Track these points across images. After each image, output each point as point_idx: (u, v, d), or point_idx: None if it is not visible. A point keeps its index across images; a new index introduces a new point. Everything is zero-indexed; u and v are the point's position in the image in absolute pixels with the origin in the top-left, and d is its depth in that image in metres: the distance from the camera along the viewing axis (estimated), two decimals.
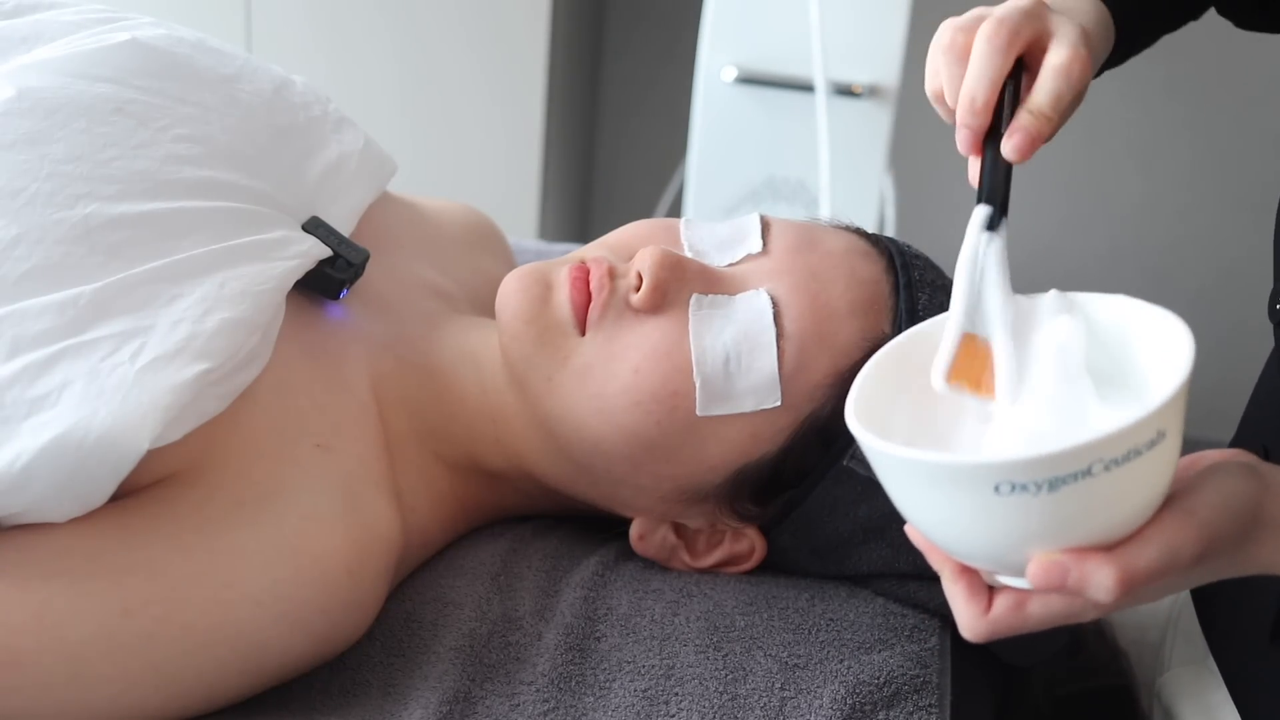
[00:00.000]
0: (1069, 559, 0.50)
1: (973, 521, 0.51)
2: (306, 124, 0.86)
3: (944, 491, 0.51)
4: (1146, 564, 0.51)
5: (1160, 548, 0.51)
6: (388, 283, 0.85)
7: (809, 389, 0.74)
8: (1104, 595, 0.50)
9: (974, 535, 0.52)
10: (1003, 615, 0.55)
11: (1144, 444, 0.48)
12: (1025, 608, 0.54)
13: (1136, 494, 0.50)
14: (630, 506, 0.81)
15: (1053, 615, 0.54)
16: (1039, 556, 0.51)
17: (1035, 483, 0.48)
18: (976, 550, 0.53)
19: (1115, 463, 0.48)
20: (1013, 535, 0.51)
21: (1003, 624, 0.55)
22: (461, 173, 2.12)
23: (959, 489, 0.50)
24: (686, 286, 0.76)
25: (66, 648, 0.60)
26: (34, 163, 0.69)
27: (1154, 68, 2.33)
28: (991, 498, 0.49)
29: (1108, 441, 0.47)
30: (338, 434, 0.75)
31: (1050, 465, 0.48)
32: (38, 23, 0.81)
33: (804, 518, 0.78)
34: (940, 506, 0.52)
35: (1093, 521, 0.50)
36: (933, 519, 0.53)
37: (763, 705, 0.69)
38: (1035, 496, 0.48)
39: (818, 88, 1.73)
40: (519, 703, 0.68)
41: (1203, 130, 2.37)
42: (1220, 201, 2.41)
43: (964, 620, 0.56)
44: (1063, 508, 0.49)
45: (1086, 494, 0.48)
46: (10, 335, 0.62)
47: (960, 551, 0.54)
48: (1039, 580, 0.51)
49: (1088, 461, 0.47)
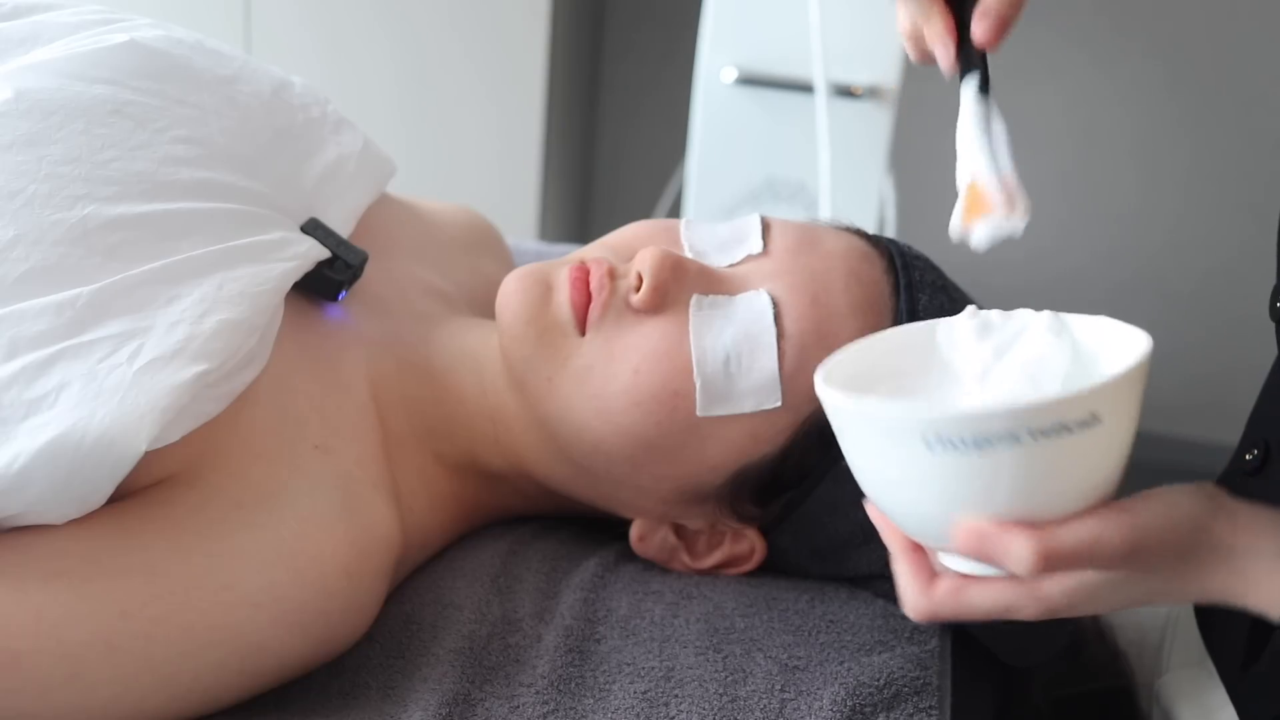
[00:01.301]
0: (991, 527, 0.51)
1: (906, 478, 0.52)
2: (305, 125, 0.86)
3: (882, 444, 0.52)
4: (1068, 545, 0.51)
5: (1085, 534, 0.51)
6: (386, 284, 0.85)
7: (809, 390, 0.74)
8: (1020, 567, 0.51)
9: (909, 495, 0.53)
10: (944, 597, 0.56)
11: (1074, 422, 0.49)
12: (966, 592, 0.55)
13: (1066, 475, 0.51)
14: (630, 507, 0.81)
15: (994, 603, 0.54)
16: (964, 521, 0.52)
17: (963, 439, 0.49)
18: (913, 513, 0.54)
19: (1043, 434, 0.48)
20: (944, 497, 0.52)
21: (944, 605, 0.56)
22: (461, 173, 2.12)
23: (894, 441, 0.51)
24: (687, 287, 0.76)
25: (65, 649, 0.60)
26: (32, 164, 0.69)
27: (1153, 68, 2.34)
28: (923, 453, 0.50)
29: (1034, 409, 0.48)
30: (336, 435, 0.75)
31: (977, 423, 0.49)
32: (36, 24, 0.81)
33: (804, 519, 0.78)
34: (880, 462, 0.53)
35: (1020, 495, 0.50)
36: (876, 478, 0.55)
37: (762, 707, 0.69)
38: (964, 455, 0.49)
39: (818, 88, 1.73)
40: (518, 705, 0.68)
41: (1201, 130, 2.37)
42: (1219, 201, 2.41)
43: (906, 598, 0.57)
44: (990, 472, 0.50)
45: (1013, 462, 0.49)
46: (8, 336, 0.62)
47: (901, 516, 0.55)
48: (960, 543, 0.52)
49: (1014, 425, 0.48)
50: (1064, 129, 2.45)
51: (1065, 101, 2.41)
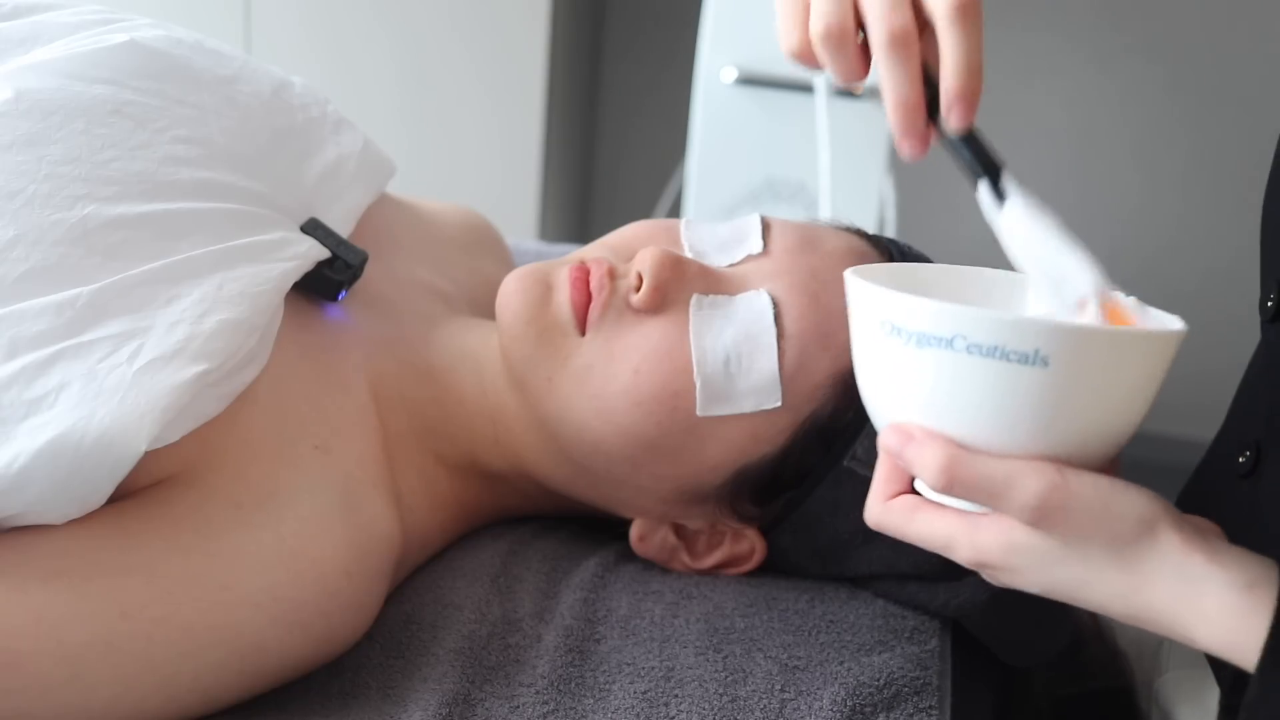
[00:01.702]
0: (917, 430, 0.51)
1: (866, 363, 0.54)
2: (305, 125, 0.86)
3: (856, 321, 0.54)
4: (979, 471, 0.50)
5: (1003, 470, 0.50)
6: (386, 284, 0.85)
7: (809, 389, 0.74)
8: (927, 475, 0.51)
9: (869, 382, 0.54)
10: (896, 509, 0.56)
11: (1014, 352, 0.48)
12: (916, 513, 0.55)
13: (1000, 405, 0.49)
14: (630, 507, 0.81)
15: (934, 532, 0.54)
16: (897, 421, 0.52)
17: (908, 331, 0.49)
18: (872, 403, 0.55)
19: (980, 349, 0.48)
20: (888, 389, 0.52)
21: (892, 519, 0.56)
22: (461, 173, 2.12)
23: (861, 318, 0.53)
24: (687, 287, 0.76)
25: (65, 650, 0.60)
26: (32, 164, 0.69)
27: (1153, 68, 2.34)
28: (878, 336, 0.51)
29: (977, 319, 0.48)
30: (336, 435, 0.75)
31: (922, 316, 0.49)
32: (36, 24, 0.81)
33: (804, 518, 0.78)
34: (855, 341, 0.55)
35: (954, 410, 0.50)
36: (857, 363, 0.56)
37: (762, 707, 0.69)
38: (904, 348, 0.50)
39: (818, 89, 1.73)
40: (518, 705, 0.68)
41: (1200, 130, 2.38)
42: (1218, 201, 2.41)
43: (868, 500, 0.58)
44: (926, 374, 0.50)
45: (947, 368, 0.49)
46: (8, 336, 0.62)
47: (870, 406, 0.56)
48: (884, 439, 0.52)
49: (953, 330, 0.48)
50: (1063, 129, 2.45)
51: (1065, 101, 2.42)
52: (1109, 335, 0.49)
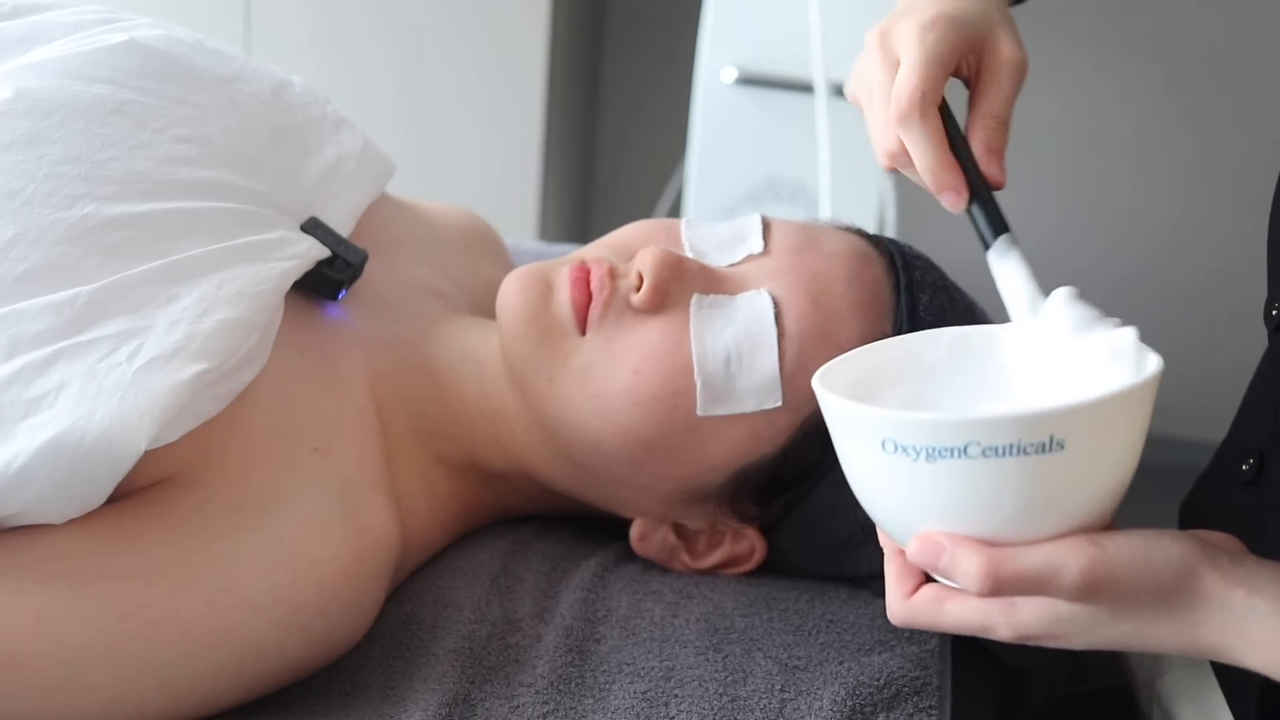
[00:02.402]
0: (946, 539, 0.50)
1: (872, 481, 0.52)
2: (305, 125, 0.85)
3: (849, 441, 0.52)
4: (1019, 568, 0.49)
5: (1041, 560, 0.50)
6: (386, 283, 0.85)
7: (810, 389, 0.74)
8: (970, 583, 0.50)
9: (877, 498, 0.53)
10: (921, 604, 0.55)
11: (1030, 444, 0.47)
12: (944, 604, 0.54)
13: (1024, 497, 0.49)
14: (630, 507, 0.81)
15: (969, 619, 0.54)
16: (922, 532, 0.51)
17: (914, 447, 0.48)
18: (883, 517, 0.54)
19: (995, 451, 0.47)
20: (903, 504, 0.51)
21: (920, 614, 0.55)
22: (461, 173, 2.12)
23: (858, 439, 0.51)
24: (687, 287, 0.76)
25: (65, 651, 0.60)
26: (31, 163, 0.69)
27: (1152, 67, 2.34)
28: (881, 455, 0.49)
29: (987, 424, 0.47)
30: (336, 437, 0.75)
31: (927, 431, 0.47)
32: (35, 24, 0.80)
33: (804, 518, 0.78)
34: (855, 462, 0.53)
35: (977, 512, 0.49)
36: (853, 478, 0.54)
37: (762, 707, 0.69)
38: (915, 463, 0.48)
39: (818, 88, 1.73)
40: (518, 705, 0.68)
41: (1200, 130, 2.37)
42: (1218, 201, 2.41)
43: (889, 600, 0.57)
44: (942, 485, 0.49)
45: (965, 477, 0.48)
46: (7, 336, 0.62)
47: (877, 519, 0.55)
48: (913, 553, 0.51)
49: (964, 439, 0.47)
50: (1063, 128, 2.45)
51: (1064, 101, 2.41)
52: (1118, 400, 0.48)
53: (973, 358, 0.59)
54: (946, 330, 0.60)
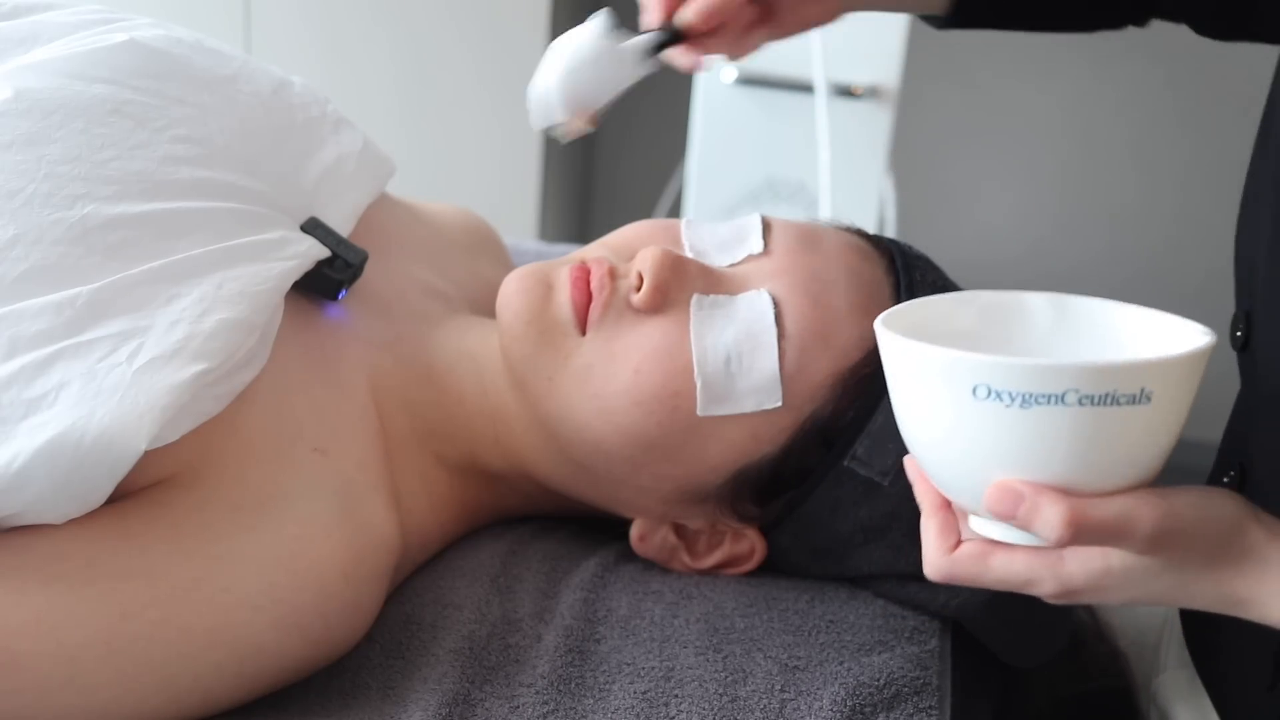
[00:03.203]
0: (1026, 487, 0.50)
1: (952, 428, 0.52)
2: (305, 125, 0.85)
3: (931, 388, 0.52)
4: (1100, 517, 0.50)
5: (1119, 509, 0.50)
6: (386, 283, 0.85)
7: (810, 389, 0.74)
8: (1048, 531, 0.50)
9: (950, 447, 0.53)
10: (965, 558, 0.55)
11: (1124, 395, 0.48)
12: (989, 558, 0.54)
13: (1110, 448, 0.50)
14: (631, 507, 0.81)
15: (1013, 573, 0.54)
16: (1000, 480, 0.51)
17: (1010, 393, 0.48)
18: (951, 468, 0.54)
19: (1091, 400, 0.48)
20: (984, 451, 0.51)
21: (963, 568, 0.55)
22: (461, 173, 2.12)
23: (943, 384, 0.50)
24: (687, 287, 0.76)
25: (65, 650, 0.60)
26: (31, 163, 0.69)
27: (1152, 67, 2.33)
28: (969, 401, 0.49)
29: (1089, 371, 0.48)
30: (335, 437, 0.75)
31: (1027, 376, 0.48)
32: (35, 24, 0.80)
33: (805, 518, 0.78)
34: (927, 410, 0.53)
35: (1058, 460, 0.50)
36: (920, 428, 0.54)
37: (762, 707, 0.69)
38: (1008, 409, 0.49)
39: (818, 88, 1.73)
40: (518, 705, 0.68)
41: (1199, 129, 2.37)
42: (1217, 200, 2.41)
43: (929, 555, 0.57)
44: (1032, 431, 0.49)
45: (1057, 423, 0.49)
46: (7, 336, 0.62)
47: (940, 468, 0.55)
48: (993, 501, 0.51)
49: (1064, 386, 0.48)
50: (1062, 128, 2.45)
51: (1064, 100, 2.41)
52: (1198, 357, 0.50)
53: (999, 324, 0.60)
54: (980, 293, 0.61)
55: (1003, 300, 0.60)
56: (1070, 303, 0.59)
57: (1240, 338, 0.69)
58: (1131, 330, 0.57)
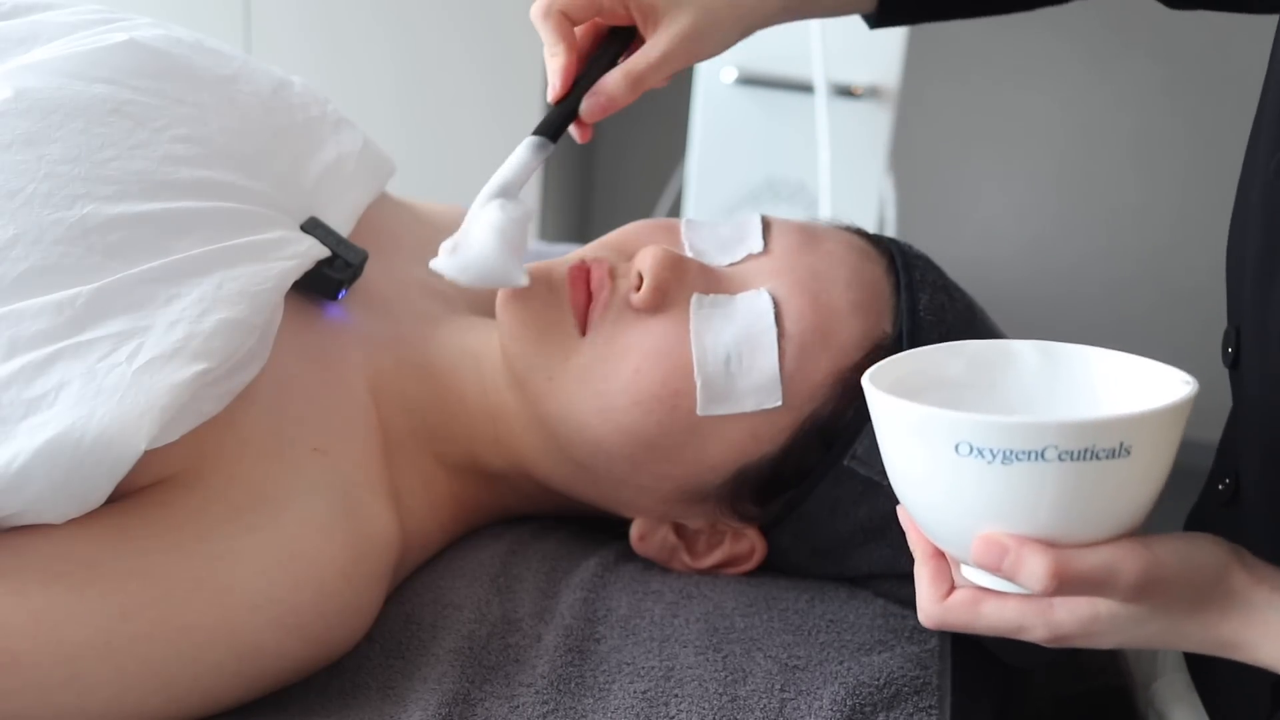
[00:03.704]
0: (1010, 540, 0.51)
1: (936, 484, 0.52)
2: (305, 125, 0.86)
3: (915, 444, 0.52)
4: (1083, 569, 0.51)
5: (1102, 560, 0.51)
6: (386, 283, 0.85)
7: (810, 389, 0.74)
8: (1033, 583, 0.51)
9: (935, 501, 0.54)
10: (957, 606, 0.56)
11: (1103, 449, 0.49)
12: (980, 605, 0.55)
13: (1091, 501, 0.51)
14: (631, 507, 0.81)
15: (1005, 620, 0.54)
16: (984, 533, 0.52)
17: (991, 450, 0.49)
18: (937, 519, 0.55)
19: (1071, 455, 0.49)
20: (968, 506, 0.52)
21: (956, 615, 0.56)
22: (460, 173, 2.12)
23: (926, 441, 0.51)
24: (687, 286, 0.76)
25: (64, 650, 0.60)
26: (31, 163, 0.69)
27: (1151, 67, 2.34)
28: (951, 458, 0.50)
29: (1067, 428, 0.48)
30: (335, 437, 0.75)
31: (1007, 434, 0.49)
32: (35, 23, 0.81)
33: (804, 518, 0.78)
34: (911, 464, 0.54)
35: (1042, 513, 0.51)
36: (906, 481, 0.55)
37: (762, 707, 0.69)
38: (990, 465, 0.49)
39: (818, 88, 1.73)
40: (518, 704, 0.68)
41: (1199, 129, 2.37)
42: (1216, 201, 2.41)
43: (922, 603, 0.57)
44: (1015, 487, 0.50)
45: (1038, 478, 0.49)
46: (7, 335, 0.62)
47: (928, 521, 0.56)
48: (979, 555, 0.52)
49: (1043, 443, 0.49)
50: (1062, 127, 2.45)
51: (1063, 100, 2.42)
52: (1178, 410, 0.51)
53: (986, 372, 0.61)
54: (969, 344, 0.62)
55: (990, 349, 0.61)
56: (1056, 350, 0.60)
57: (1231, 354, 0.69)
58: (1114, 378, 0.58)
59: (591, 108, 0.73)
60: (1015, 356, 0.60)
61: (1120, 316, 2.51)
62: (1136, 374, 0.57)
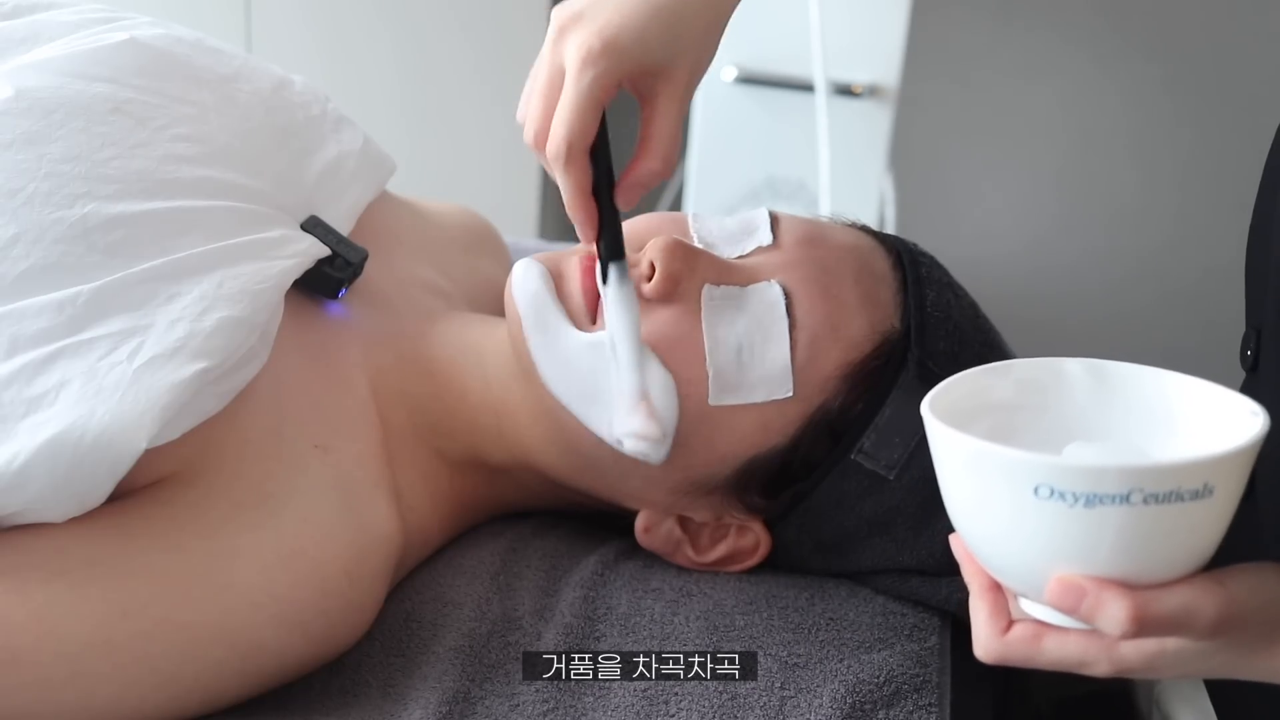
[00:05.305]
0: (1089, 583, 0.50)
1: (1010, 524, 0.51)
2: (305, 123, 0.86)
3: (989, 484, 0.51)
4: (1162, 611, 0.50)
5: (1181, 601, 0.50)
6: (387, 281, 0.85)
7: (820, 380, 0.74)
8: (1114, 627, 0.50)
9: (1009, 540, 0.52)
10: (1018, 641, 0.55)
11: (1188, 490, 0.48)
12: (1042, 640, 0.54)
13: (1171, 542, 0.50)
14: (637, 498, 0.80)
15: (1067, 656, 0.53)
16: (1061, 575, 0.51)
17: (1074, 493, 0.48)
18: (1008, 559, 0.53)
19: (1155, 498, 0.48)
20: (1044, 547, 0.51)
21: (1017, 650, 0.55)
22: (461, 172, 2.12)
23: (1003, 483, 0.50)
24: (698, 276, 0.76)
25: (66, 648, 0.60)
26: (32, 162, 0.69)
27: (1150, 66, 2.33)
28: (1030, 499, 0.49)
29: (1152, 472, 0.48)
30: (336, 434, 0.75)
31: (1092, 478, 0.48)
32: (36, 23, 0.81)
33: (810, 511, 0.78)
34: (984, 502, 0.52)
35: (1121, 555, 0.50)
36: (976, 518, 0.54)
37: (762, 705, 0.69)
38: (1071, 508, 0.48)
39: (818, 88, 1.73)
40: (518, 703, 0.68)
41: (1199, 129, 2.37)
42: (1216, 199, 2.41)
43: (980, 638, 0.56)
44: (1095, 530, 0.49)
45: (1120, 522, 0.48)
46: (8, 334, 0.62)
47: (994, 558, 0.54)
48: (1056, 597, 0.51)
49: (1128, 486, 0.48)
50: (1062, 127, 2.45)
51: (1063, 99, 2.41)
52: (1257, 445, 0.50)
53: (1036, 393, 0.59)
54: (1014, 364, 0.61)
55: (1038, 369, 0.60)
56: (1105, 369, 0.58)
57: (1250, 357, 0.68)
58: (1175, 401, 0.56)
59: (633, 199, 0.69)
60: (1064, 376, 0.59)
61: (1120, 316, 2.51)
62: (1191, 396, 0.56)
